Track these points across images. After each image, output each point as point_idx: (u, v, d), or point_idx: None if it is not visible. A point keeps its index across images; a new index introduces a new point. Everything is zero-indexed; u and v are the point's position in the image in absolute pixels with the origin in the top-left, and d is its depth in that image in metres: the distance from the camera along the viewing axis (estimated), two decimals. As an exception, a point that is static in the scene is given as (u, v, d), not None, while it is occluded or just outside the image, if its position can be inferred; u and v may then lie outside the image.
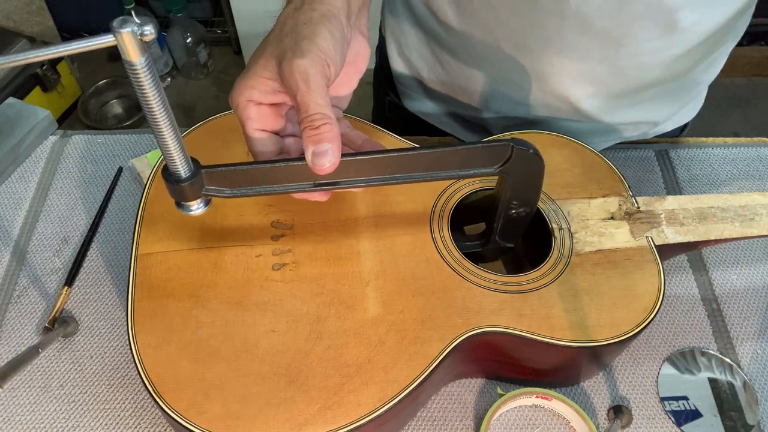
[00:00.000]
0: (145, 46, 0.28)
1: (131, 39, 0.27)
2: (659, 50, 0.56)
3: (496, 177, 0.51)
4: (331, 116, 0.37)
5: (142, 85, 0.30)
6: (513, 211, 0.49)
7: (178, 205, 0.40)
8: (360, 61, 0.45)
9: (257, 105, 0.41)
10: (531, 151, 0.43)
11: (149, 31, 0.27)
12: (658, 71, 0.59)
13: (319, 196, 0.43)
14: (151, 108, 0.32)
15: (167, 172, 0.37)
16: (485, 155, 0.43)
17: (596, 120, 0.66)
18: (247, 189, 0.41)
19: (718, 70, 0.67)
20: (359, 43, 0.44)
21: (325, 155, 0.37)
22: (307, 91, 0.37)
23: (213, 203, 0.42)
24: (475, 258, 0.51)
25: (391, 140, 0.57)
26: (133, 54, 0.28)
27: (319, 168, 0.37)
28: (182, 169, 0.37)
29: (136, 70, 0.29)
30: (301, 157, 0.38)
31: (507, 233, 0.52)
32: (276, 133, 0.43)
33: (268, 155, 0.42)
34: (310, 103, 0.37)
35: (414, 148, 0.41)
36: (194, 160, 0.38)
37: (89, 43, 0.27)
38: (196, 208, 0.40)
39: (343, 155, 0.39)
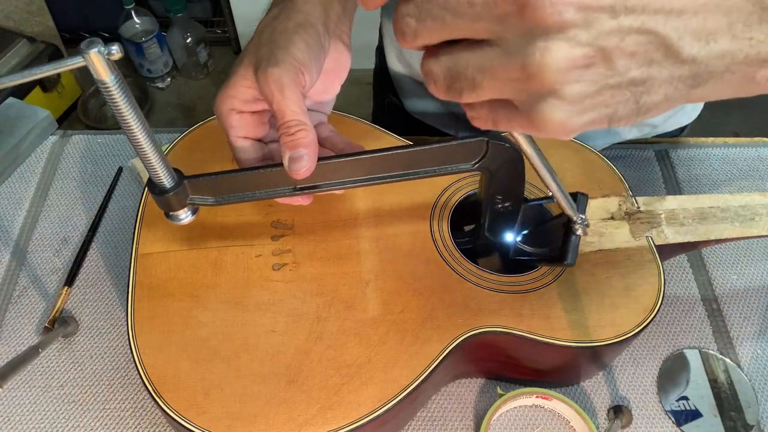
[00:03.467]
0: (114, 65, 0.30)
1: (99, 59, 0.29)
2: None
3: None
4: (307, 122, 0.38)
5: (116, 102, 0.31)
6: (499, 206, 0.49)
7: (166, 215, 0.41)
8: (341, 68, 0.45)
9: (239, 113, 0.42)
10: (507, 145, 0.43)
11: (115, 50, 0.29)
12: None
13: (301, 200, 0.43)
14: (128, 123, 0.33)
15: (152, 184, 0.38)
16: (461, 152, 0.43)
17: None
18: (230, 196, 0.42)
19: None
20: (339, 51, 0.44)
21: (300, 160, 0.38)
22: (282, 99, 0.38)
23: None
24: (472, 254, 0.51)
25: (391, 140, 0.57)
26: (102, 73, 0.29)
27: (296, 172, 0.38)
28: (165, 180, 0.38)
29: (108, 88, 0.30)
30: (281, 163, 0.39)
31: (496, 228, 0.52)
32: (260, 140, 0.44)
33: (252, 162, 0.43)
34: (286, 111, 0.38)
35: (389, 149, 0.42)
36: (177, 171, 0.39)
37: (60, 66, 0.28)
38: (184, 217, 0.41)
39: (321, 158, 0.40)
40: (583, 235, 0.46)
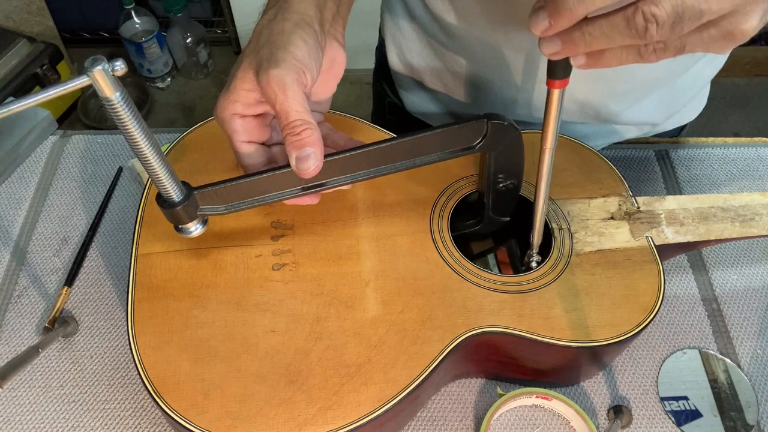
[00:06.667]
0: (118, 81, 0.29)
1: (104, 76, 0.28)
2: None
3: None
4: (311, 121, 0.38)
5: (122, 119, 0.31)
6: (501, 185, 0.50)
7: (177, 228, 0.41)
8: (336, 66, 0.45)
9: (242, 118, 0.41)
10: (506, 123, 0.44)
11: (119, 66, 0.28)
12: (663, 66, 0.59)
13: (309, 200, 0.43)
14: (135, 139, 0.32)
15: (161, 199, 0.38)
16: (462, 134, 0.44)
17: (600, 119, 0.65)
18: (239, 203, 0.42)
19: (720, 66, 0.67)
20: (334, 50, 0.44)
21: (308, 159, 0.38)
22: (285, 99, 0.38)
23: None
24: (473, 238, 0.51)
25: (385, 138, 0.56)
26: (107, 90, 0.29)
27: (304, 171, 0.38)
28: (174, 193, 0.37)
29: (113, 105, 0.30)
30: (287, 165, 0.39)
31: (499, 207, 0.52)
32: (263, 144, 0.44)
33: (258, 167, 0.43)
34: (290, 111, 0.38)
35: (392, 138, 0.42)
36: (185, 183, 0.39)
37: (66, 87, 0.28)
38: (194, 229, 0.41)
39: (327, 156, 0.40)
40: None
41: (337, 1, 0.46)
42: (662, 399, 0.54)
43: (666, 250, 0.53)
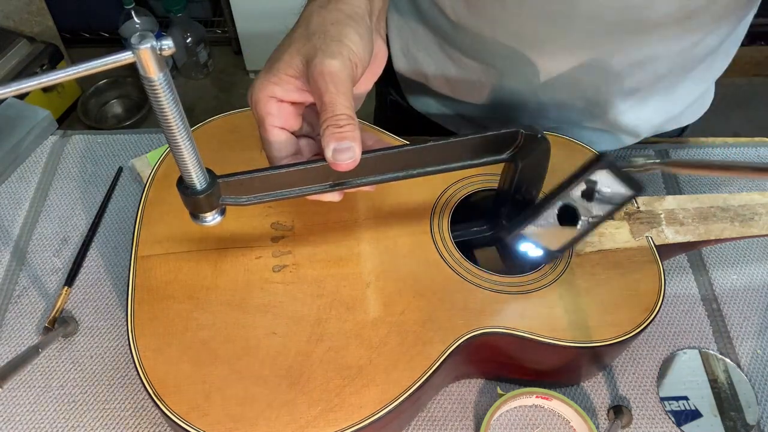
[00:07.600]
0: (164, 61, 0.28)
1: (150, 55, 0.27)
2: (673, 41, 0.56)
3: (497, 176, 0.51)
4: (355, 119, 0.38)
5: (160, 100, 0.29)
6: (518, 195, 0.49)
7: (193, 216, 0.39)
8: (377, 63, 0.45)
9: (279, 102, 0.40)
10: (539, 135, 0.44)
11: (167, 45, 0.27)
12: (671, 63, 0.59)
13: (331, 197, 0.43)
14: (168, 122, 0.31)
15: (183, 185, 0.36)
16: (496, 143, 0.43)
17: (606, 122, 0.65)
18: (263, 195, 0.40)
19: (724, 68, 0.67)
20: (378, 46, 0.44)
21: (347, 151, 0.37)
22: (336, 92, 0.37)
23: None
24: (475, 245, 0.51)
25: (390, 141, 0.56)
26: (152, 70, 0.28)
27: (341, 163, 0.37)
28: (198, 181, 0.36)
29: (154, 85, 0.28)
30: (318, 159, 0.39)
31: (514, 215, 0.52)
32: (292, 134, 0.43)
33: (284, 156, 0.42)
34: (337, 104, 0.37)
35: (425, 142, 0.42)
36: (210, 171, 0.37)
37: (107, 62, 0.26)
38: (212, 218, 0.39)
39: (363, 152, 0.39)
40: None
41: None
42: (662, 399, 0.54)
43: (666, 250, 0.53)
